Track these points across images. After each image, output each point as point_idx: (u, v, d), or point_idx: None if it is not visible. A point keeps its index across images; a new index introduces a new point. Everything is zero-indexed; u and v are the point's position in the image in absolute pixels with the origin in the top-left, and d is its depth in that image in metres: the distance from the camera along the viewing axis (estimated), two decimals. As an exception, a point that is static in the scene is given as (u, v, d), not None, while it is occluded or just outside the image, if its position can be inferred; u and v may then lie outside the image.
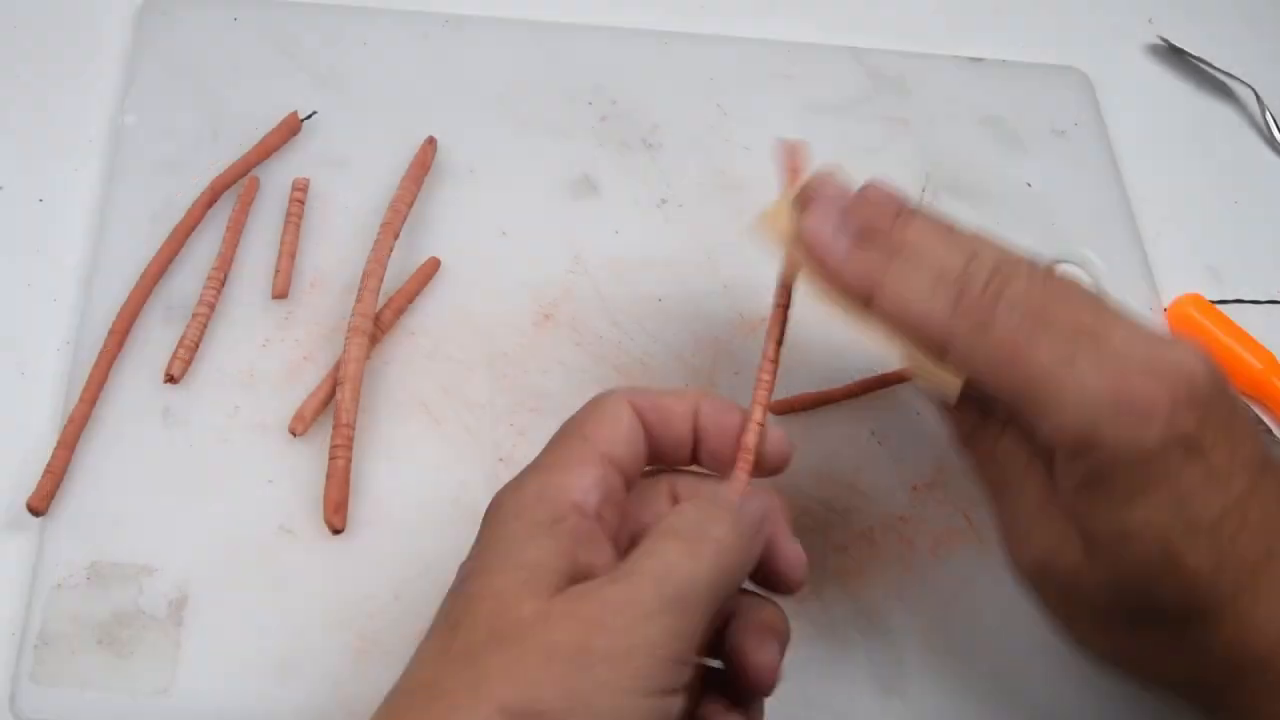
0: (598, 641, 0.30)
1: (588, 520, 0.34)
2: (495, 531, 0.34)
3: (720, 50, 0.61)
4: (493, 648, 0.31)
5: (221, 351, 0.49)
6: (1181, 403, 0.33)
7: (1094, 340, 0.34)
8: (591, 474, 0.35)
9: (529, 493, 0.35)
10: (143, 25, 0.58)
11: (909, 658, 0.46)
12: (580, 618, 0.31)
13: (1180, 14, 0.69)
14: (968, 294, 0.35)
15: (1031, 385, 0.35)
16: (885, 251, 0.37)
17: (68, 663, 0.42)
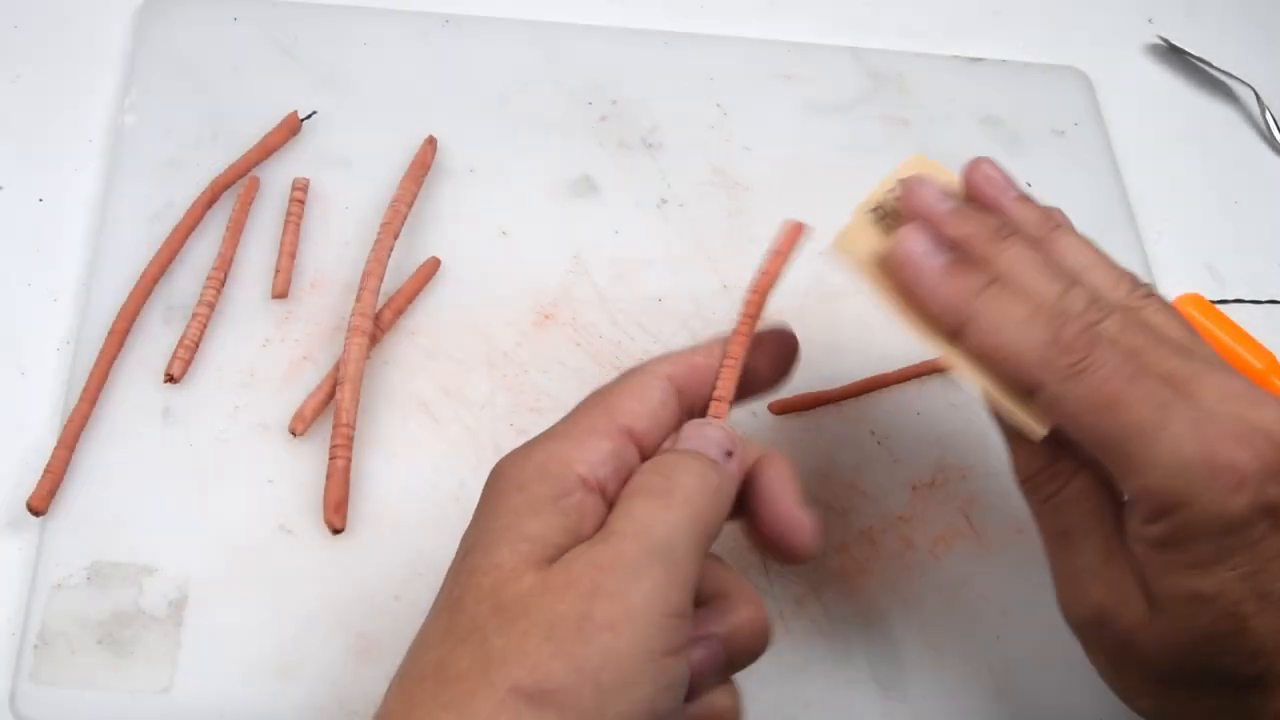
0: (597, 609, 0.30)
1: (592, 495, 0.34)
2: (497, 503, 0.34)
3: (720, 50, 0.61)
4: (497, 624, 0.31)
5: (221, 351, 0.49)
6: (1272, 472, 0.33)
7: (1188, 396, 0.34)
8: (603, 447, 0.34)
9: (534, 463, 0.34)
10: (143, 25, 0.58)
11: (909, 658, 0.46)
12: (577, 586, 0.31)
13: (1180, 14, 0.69)
14: (1064, 334, 0.34)
15: (1124, 440, 0.34)
16: (981, 278, 0.36)
17: (68, 663, 0.42)
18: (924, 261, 0.37)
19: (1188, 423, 0.33)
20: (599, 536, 0.32)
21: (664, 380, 0.36)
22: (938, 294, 0.36)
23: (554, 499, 0.33)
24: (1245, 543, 0.33)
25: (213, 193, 0.52)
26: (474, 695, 0.30)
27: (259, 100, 0.56)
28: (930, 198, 0.38)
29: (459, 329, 0.51)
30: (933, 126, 0.60)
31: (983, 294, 0.36)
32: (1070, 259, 0.37)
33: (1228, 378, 0.35)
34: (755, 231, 0.56)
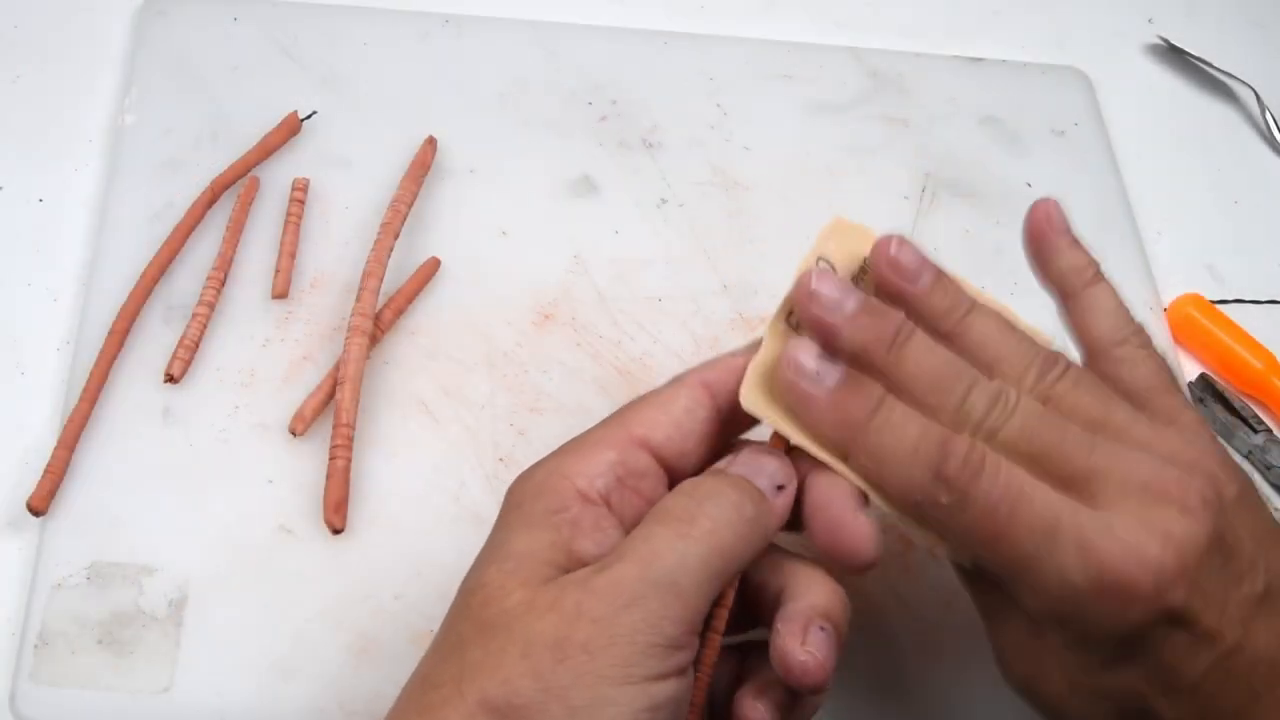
0: (577, 632, 0.30)
1: (592, 507, 0.33)
2: (499, 521, 0.34)
3: (720, 50, 0.61)
4: (478, 640, 0.31)
5: (221, 351, 0.49)
6: (1168, 581, 0.33)
7: (1084, 505, 0.33)
8: (606, 457, 0.34)
9: (534, 481, 0.34)
10: (143, 25, 0.58)
11: (909, 658, 0.46)
12: (561, 608, 0.31)
13: (1180, 14, 0.69)
14: (947, 469, 0.34)
15: (1011, 567, 0.34)
16: (870, 400, 0.35)
17: (68, 663, 0.42)
18: (810, 386, 0.35)
19: (1075, 548, 0.33)
20: (608, 560, 0.32)
21: (694, 388, 0.36)
22: (824, 422, 0.35)
23: (547, 514, 0.33)
24: (1144, 648, 0.34)
25: (213, 193, 0.52)
26: (446, 704, 0.30)
27: (259, 100, 0.56)
28: (829, 300, 0.36)
29: (459, 329, 0.51)
30: (933, 126, 0.60)
31: (870, 423, 0.35)
32: (981, 346, 0.36)
33: (1134, 463, 0.34)
34: (755, 231, 0.56)
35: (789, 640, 0.33)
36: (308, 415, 0.47)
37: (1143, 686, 0.34)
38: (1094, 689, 0.35)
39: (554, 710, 0.30)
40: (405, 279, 0.52)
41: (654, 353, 0.52)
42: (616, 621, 0.30)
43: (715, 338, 0.52)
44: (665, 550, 0.32)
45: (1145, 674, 0.34)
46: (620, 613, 0.30)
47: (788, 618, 0.33)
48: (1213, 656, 0.34)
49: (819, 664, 0.33)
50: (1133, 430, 0.35)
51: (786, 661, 0.33)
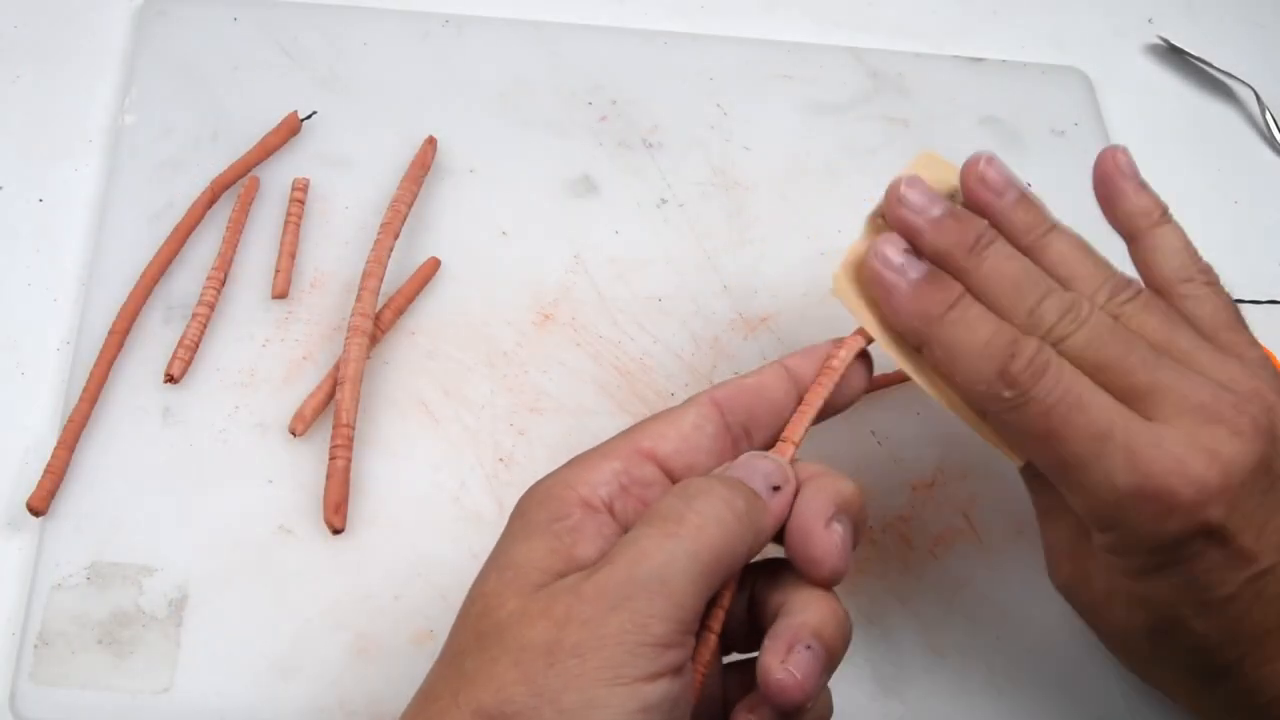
0: (567, 636, 0.30)
1: (595, 514, 0.34)
2: (505, 532, 0.35)
3: (720, 50, 0.61)
4: (474, 650, 0.32)
5: (221, 351, 0.49)
6: (1209, 497, 0.34)
7: (1139, 416, 0.35)
8: (610, 466, 0.35)
9: (540, 491, 0.35)
10: (143, 25, 0.58)
11: (909, 658, 0.46)
12: (552, 614, 0.31)
13: (1180, 14, 0.69)
14: (1012, 367, 0.35)
15: (1062, 470, 0.36)
16: (948, 296, 0.37)
17: (68, 663, 0.42)
18: (895, 277, 0.38)
19: (1123, 454, 0.34)
20: (597, 565, 0.32)
21: (705, 405, 0.37)
22: (903, 311, 0.37)
23: (549, 522, 0.33)
24: (1180, 559, 0.35)
25: (213, 193, 0.52)
26: (444, 715, 0.31)
27: (259, 100, 0.56)
28: (916, 204, 0.39)
29: (459, 329, 0.51)
30: (933, 126, 0.60)
31: (946, 316, 0.37)
32: (1058, 264, 0.38)
33: (1193, 384, 0.35)
34: (755, 231, 0.56)
35: (770, 657, 0.33)
36: (308, 415, 0.47)
37: (1176, 597, 0.36)
38: (1130, 595, 0.37)
39: (546, 715, 0.30)
40: (405, 279, 0.52)
41: (654, 353, 0.52)
42: (604, 624, 0.30)
43: (715, 338, 0.52)
44: (652, 549, 0.32)
45: (1179, 585, 0.36)
46: (608, 615, 0.31)
47: (776, 634, 0.33)
48: (1245, 576, 0.35)
49: (796, 684, 0.32)
50: (1197, 355, 0.37)
51: (764, 678, 0.33)
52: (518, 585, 0.32)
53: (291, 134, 0.55)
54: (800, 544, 0.35)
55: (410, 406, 0.49)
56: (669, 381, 0.51)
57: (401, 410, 0.49)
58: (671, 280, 0.54)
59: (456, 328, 0.51)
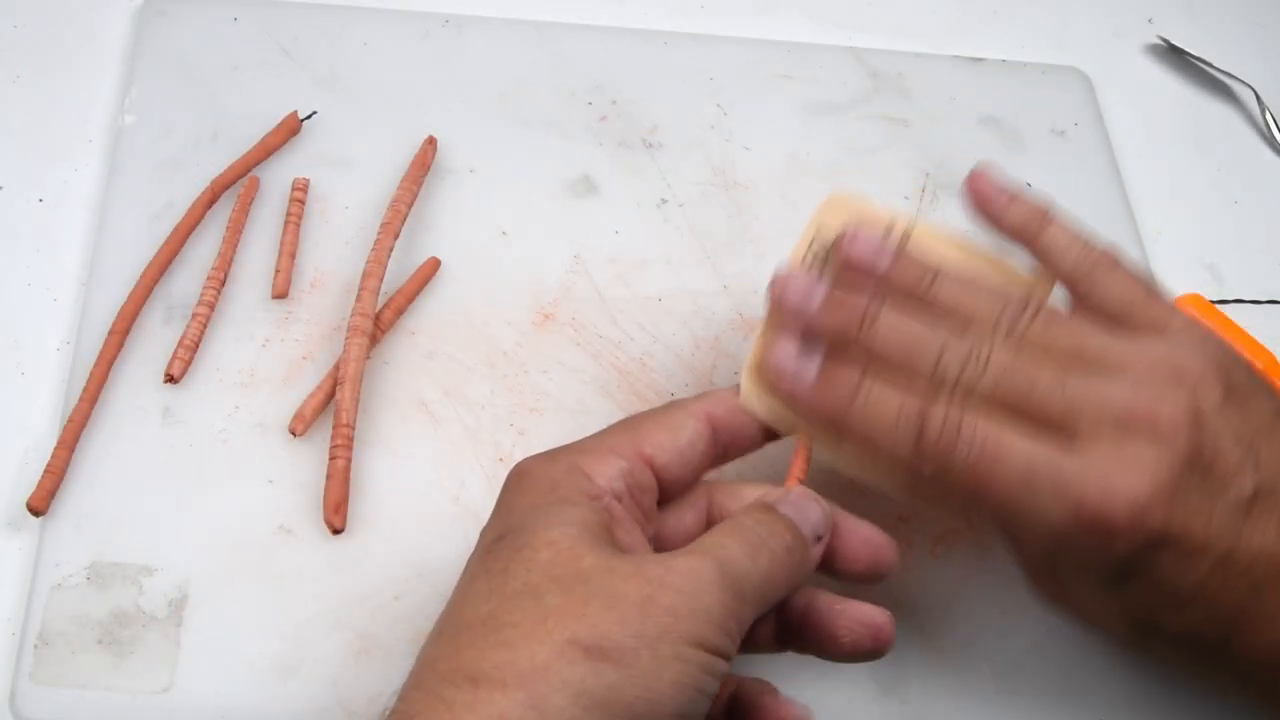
0: (662, 597, 0.32)
1: (612, 501, 0.36)
2: (530, 498, 0.35)
3: (720, 50, 0.61)
4: (556, 590, 0.32)
5: (221, 351, 0.49)
6: (1144, 509, 0.34)
7: (1051, 467, 0.35)
8: (619, 465, 0.36)
9: (561, 467, 0.36)
10: (143, 25, 0.58)
11: (909, 658, 0.46)
12: (645, 576, 0.33)
13: (1180, 14, 0.69)
14: (927, 436, 0.36)
15: (997, 518, 0.37)
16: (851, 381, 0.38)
17: (68, 663, 0.42)
18: (792, 382, 0.39)
19: (1051, 491, 0.35)
20: (686, 550, 0.34)
21: (701, 420, 0.38)
22: (812, 412, 0.39)
23: (586, 498, 0.35)
24: (1136, 571, 0.36)
25: (213, 193, 0.52)
26: (530, 639, 0.31)
27: (259, 100, 0.56)
28: (795, 298, 0.40)
29: (459, 329, 0.51)
30: (933, 126, 0.60)
31: (852, 405, 0.37)
32: (954, 307, 0.38)
33: (1106, 394, 0.35)
34: (755, 231, 0.56)
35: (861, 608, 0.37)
36: (308, 415, 0.47)
37: (1147, 602, 0.37)
38: (1107, 604, 0.38)
39: (643, 655, 0.31)
40: (405, 279, 0.52)
41: (654, 353, 0.52)
42: (698, 597, 0.33)
43: (715, 338, 0.52)
44: (739, 559, 0.34)
45: (1146, 592, 0.36)
46: (701, 592, 0.33)
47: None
48: (1206, 566, 0.35)
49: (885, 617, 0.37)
50: (1110, 354, 0.37)
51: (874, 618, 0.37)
52: (590, 543, 0.33)
53: (291, 134, 0.55)
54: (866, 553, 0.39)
55: (410, 406, 0.49)
56: (669, 381, 0.51)
57: (401, 410, 0.49)
58: (671, 280, 0.54)
59: (456, 328, 0.51)
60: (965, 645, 0.46)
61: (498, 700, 0.30)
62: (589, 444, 0.37)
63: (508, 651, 0.31)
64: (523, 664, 0.31)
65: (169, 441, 0.47)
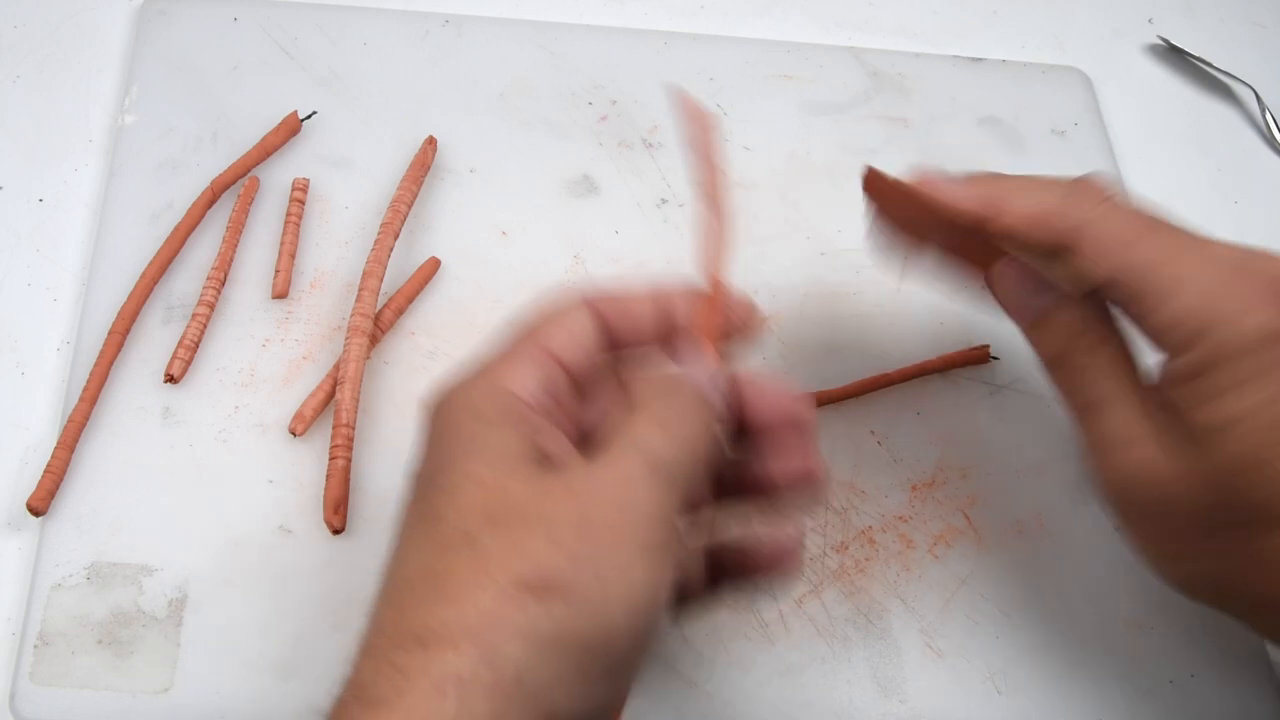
0: (596, 512, 0.31)
1: (535, 413, 0.35)
2: (452, 430, 0.34)
3: (720, 50, 0.61)
4: (491, 529, 0.31)
5: (221, 351, 0.49)
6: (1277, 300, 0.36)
7: (1195, 243, 0.38)
8: (533, 371, 0.35)
9: (478, 390, 0.35)
10: (143, 25, 0.58)
11: (909, 658, 0.46)
12: (575, 493, 0.32)
13: (1180, 14, 0.69)
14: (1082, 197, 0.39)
15: (1143, 274, 0.38)
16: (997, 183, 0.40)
17: (68, 663, 0.42)
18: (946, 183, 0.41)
19: (1199, 260, 0.37)
20: (605, 455, 0.33)
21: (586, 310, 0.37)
22: (969, 193, 0.40)
23: (505, 418, 0.34)
24: (1260, 368, 0.36)
25: (213, 193, 0.52)
26: (473, 589, 0.30)
27: (259, 100, 0.56)
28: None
29: (459, 329, 0.51)
30: (933, 126, 0.60)
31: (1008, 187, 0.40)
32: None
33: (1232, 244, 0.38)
34: (755, 232, 0.56)
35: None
36: (308, 415, 0.47)
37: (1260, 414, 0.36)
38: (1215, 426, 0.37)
39: (587, 578, 0.30)
40: (405, 279, 0.52)
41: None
42: (632, 503, 0.32)
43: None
44: (660, 446, 0.33)
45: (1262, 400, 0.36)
46: (634, 495, 0.32)
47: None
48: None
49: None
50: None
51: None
52: (517, 473, 0.33)
53: (291, 134, 0.55)
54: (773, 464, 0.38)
55: (410, 406, 0.49)
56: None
57: (401, 410, 0.49)
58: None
59: (456, 328, 0.51)
60: (965, 645, 0.47)
61: (450, 660, 0.29)
62: (501, 357, 0.36)
63: (452, 606, 0.30)
64: (469, 617, 0.30)
65: (169, 441, 0.47)
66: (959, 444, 0.51)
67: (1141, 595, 0.48)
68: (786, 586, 0.41)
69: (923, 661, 0.46)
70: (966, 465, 0.50)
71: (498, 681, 0.29)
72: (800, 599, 0.47)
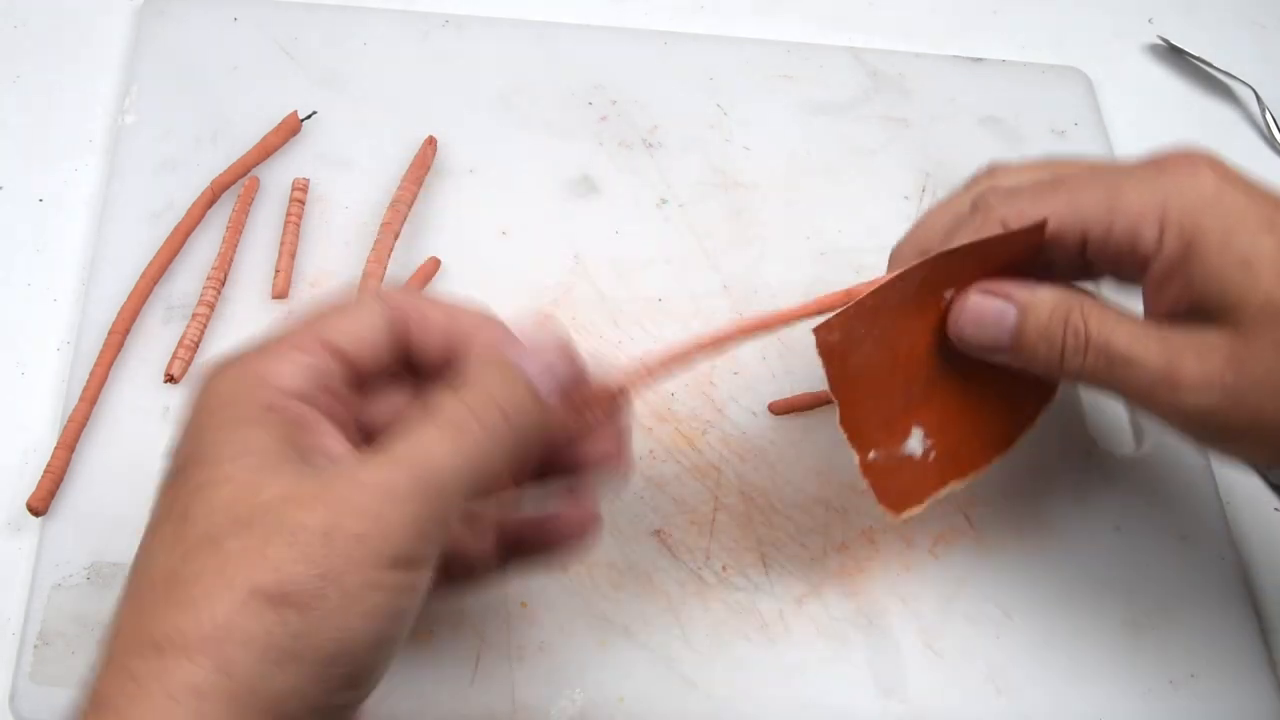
0: (346, 522, 0.30)
1: (299, 406, 0.33)
2: (207, 419, 0.33)
3: (720, 50, 0.61)
4: (236, 532, 0.30)
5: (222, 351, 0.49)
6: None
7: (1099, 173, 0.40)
8: (300, 360, 0.34)
9: (236, 380, 0.33)
10: (143, 25, 0.58)
11: (909, 658, 0.46)
12: (328, 500, 0.31)
13: (1180, 14, 0.69)
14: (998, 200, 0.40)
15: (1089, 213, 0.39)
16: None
17: (68, 663, 0.42)
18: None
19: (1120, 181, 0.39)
20: (373, 456, 0.32)
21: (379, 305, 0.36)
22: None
23: (264, 412, 0.32)
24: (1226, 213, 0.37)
25: (213, 193, 0.52)
26: (211, 597, 0.29)
27: (259, 100, 0.56)
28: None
29: (459, 329, 0.51)
30: (933, 126, 0.60)
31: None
32: None
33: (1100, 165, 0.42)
34: (755, 231, 0.56)
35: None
36: (308, 415, 0.47)
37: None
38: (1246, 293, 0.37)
39: (329, 593, 0.29)
40: (405, 279, 0.51)
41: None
42: (387, 515, 0.30)
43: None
44: (437, 453, 0.32)
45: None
46: (391, 508, 0.31)
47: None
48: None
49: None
50: None
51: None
52: (270, 472, 0.31)
53: (291, 134, 0.55)
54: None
55: (410, 406, 0.49)
56: (669, 381, 0.51)
57: (401, 410, 0.49)
58: (671, 280, 0.54)
59: (456, 328, 0.51)
60: (965, 645, 0.46)
61: (185, 668, 0.29)
62: (269, 344, 0.34)
63: (189, 612, 0.29)
64: (205, 625, 0.29)
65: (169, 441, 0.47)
66: (959, 444, 0.50)
67: (1141, 595, 0.48)
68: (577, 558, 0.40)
69: (923, 661, 0.46)
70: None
71: (234, 691, 0.29)
72: (800, 599, 0.47)
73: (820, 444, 0.50)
